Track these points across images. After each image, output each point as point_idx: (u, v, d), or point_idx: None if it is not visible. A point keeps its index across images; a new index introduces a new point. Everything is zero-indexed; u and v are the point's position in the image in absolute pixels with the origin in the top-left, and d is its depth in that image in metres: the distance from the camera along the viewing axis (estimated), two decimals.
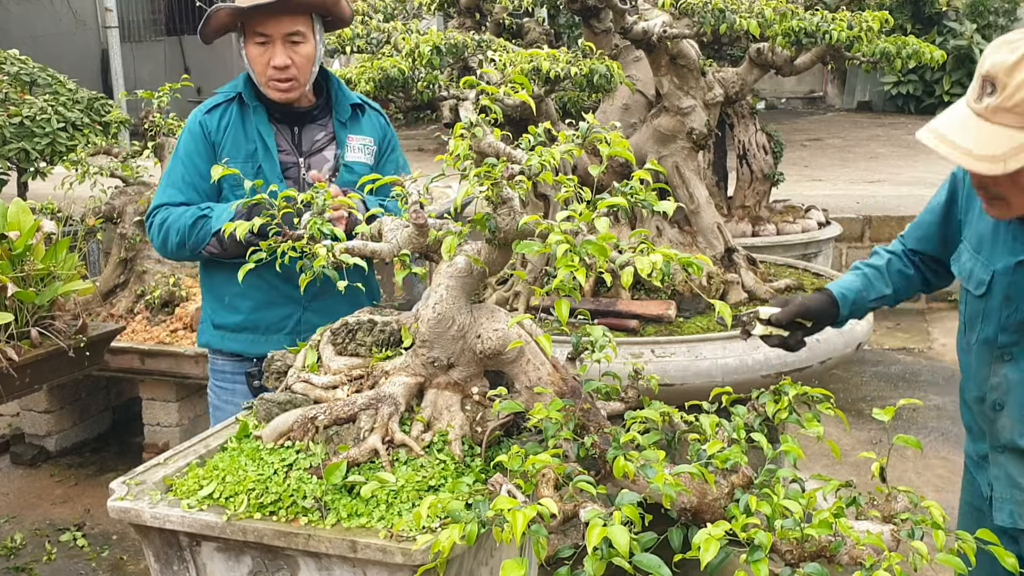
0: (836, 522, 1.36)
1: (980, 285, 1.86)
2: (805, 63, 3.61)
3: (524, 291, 3.28)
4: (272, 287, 2.47)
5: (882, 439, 4.59)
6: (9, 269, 2.86)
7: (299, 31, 2.38)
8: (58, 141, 4.74)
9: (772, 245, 5.72)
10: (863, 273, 2.10)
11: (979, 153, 1.56)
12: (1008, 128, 1.54)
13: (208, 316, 2.60)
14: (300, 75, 2.42)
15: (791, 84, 15.82)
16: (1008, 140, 1.53)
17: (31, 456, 4.48)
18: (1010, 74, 1.52)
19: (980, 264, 1.86)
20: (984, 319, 1.87)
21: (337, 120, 2.55)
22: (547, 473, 1.45)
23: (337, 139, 2.54)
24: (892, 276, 2.10)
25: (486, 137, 1.73)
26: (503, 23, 4.06)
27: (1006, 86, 1.53)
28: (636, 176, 1.64)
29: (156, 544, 1.65)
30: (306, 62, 2.42)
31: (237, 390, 2.55)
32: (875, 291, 2.08)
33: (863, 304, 2.07)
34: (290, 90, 2.43)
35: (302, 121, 2.51)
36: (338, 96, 2.57)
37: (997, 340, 1.84)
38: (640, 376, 1.91)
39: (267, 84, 2.42)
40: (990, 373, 1.87)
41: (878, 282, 2.09)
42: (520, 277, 3.27)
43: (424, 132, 14.43)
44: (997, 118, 1.55)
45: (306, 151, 2.50)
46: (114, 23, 10.26)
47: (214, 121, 2.46)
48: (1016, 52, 1.52)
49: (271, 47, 2.38)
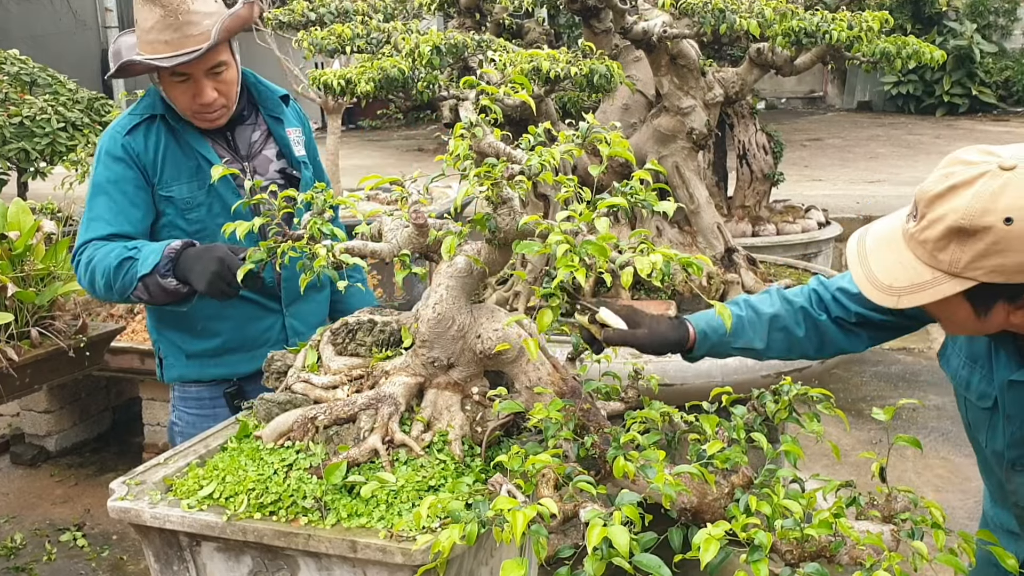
0: (836, 522, 1.36)
1: (984, 398, 1.68)
2: (805, 63, 3.61)
3: (524, 291, 3.28)
4: (248, 301, 2.36)
5: (882, 439, 4.59)
6: (9, 269, 2.86)
7: (220, 62, 2.23)
8: (58, 141, 4.74)
9: (772, 245, 5.72)
10: (739, 316, 1.83)
11: (880, 280, 1.43)
12: (916, 260, 1.39)
13: (175, 350, 2.43)
14: (229, 100, 2.30)
15: (791, 84, 15.83)
16: (911, 274, 1.39)
17: (31, 456, 4.49)
18: (930, 205, 1.37)
19: (980, 376, 1.68)
20: (991, 431, 1.70)
21: (270, 116, 2.44)
22: (547, 473, 1.45)
23: (275, 136, 2.43)
24: (772, 331, 1.84)
25: (486, 137, 1.73)
26: (503, 23, 4.05)
27: (923, 216, 1.38)
28: (636, 176, 1.64)
29: (156, 544, 1.65)
30: (231, 87, 2.29)
31: (218, 415, 2.38)
32: (743, 339, 1.83)
33: (725, 348, 1.83)
34: (220, 118, 2.31)
35: (232, 126, 2.38)
36: (260, 92, 2.45)
37: (1006, 454, 1.68)
38: (640, 376, 1.91)
39: (194, 117, 2.29)
40: (1004, 479, 1.73)
41: (751, 331, 1.83)
42: (520, 277, 3.27)
43: (424, 132, 14.45)
44: (911, 245, 1.40)
45: (245, 155, 2.39)
46: (114, 23, 10.27)
47: (139, 143, 2.26)
48: (945, 182, 1.36)
49: (194, 83, 2.22)
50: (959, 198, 1.33)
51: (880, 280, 1.43)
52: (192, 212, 2.29)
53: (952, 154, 1.42)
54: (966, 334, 1.62)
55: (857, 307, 1.81)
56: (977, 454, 1.83)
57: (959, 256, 1.34)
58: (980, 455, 1.81)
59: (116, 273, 2.11)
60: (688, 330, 1.81)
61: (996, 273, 1.33)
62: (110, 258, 2.13)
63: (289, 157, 2.45)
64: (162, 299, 2.12)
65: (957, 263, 1.34)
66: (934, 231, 1.36)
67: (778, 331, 1.84)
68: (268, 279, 1.78)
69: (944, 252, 1.35)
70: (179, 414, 2.52)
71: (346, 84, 3.02)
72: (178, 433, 2.50)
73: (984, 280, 1.34)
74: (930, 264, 1.38)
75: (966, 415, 1.76)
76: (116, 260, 2.12)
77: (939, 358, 1.81)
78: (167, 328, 2.43)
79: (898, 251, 1.42)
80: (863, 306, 1.80)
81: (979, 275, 1.34)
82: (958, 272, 1.35)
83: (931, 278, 1.38)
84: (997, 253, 1.31)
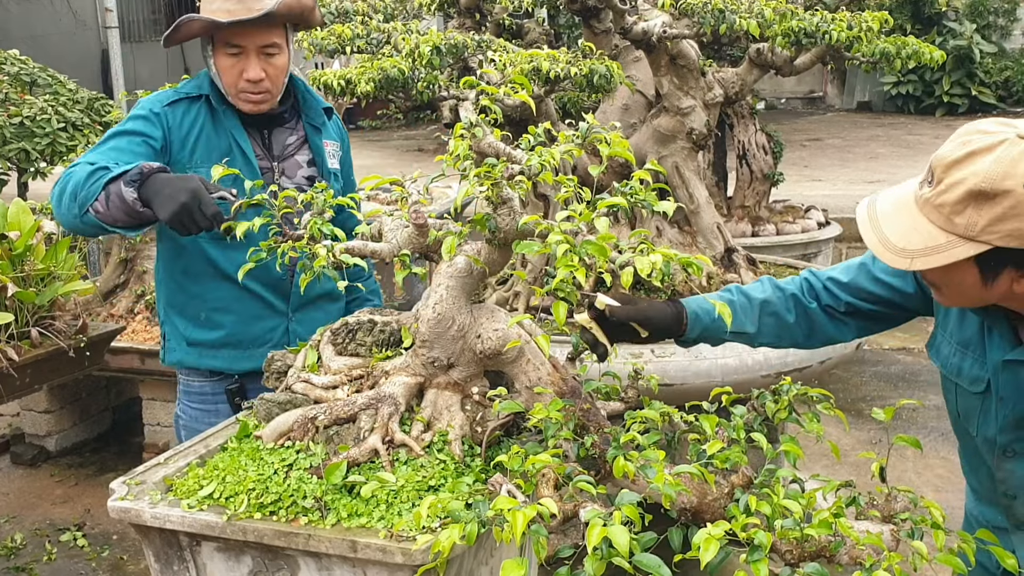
0: (836, 522, 1.36)
1: (976, 382, 1.69)
2: (805, 63, 3.61)
3: (524, 291, 3.28)
4: (257, 298, 2.40)
5: (882, 439, 4.59)
6: (9, 269, 2.86)
7: (275, 43, 2.29)
8: (58, 141, 4.73)
9: (772, 245, 5.73)
10: (730, 300, 1.84)
11: (893, 244, 1.45)
12: (930, 223, 1.42)
13: (178, 335, 2.45)
14: (273, 87, 2.33)
15: (791, 84, 15.83)
16: (925, 238, 1.41)
17: (31, 456, 4.49)
18: (947, 171, 1.39)
19: (972, 360, 1.69)
20: (983, 416, 1.70)
21: (310, 125, 2.47)
22: (547, 473, 1.45)
23: (311, 144, 2.47)
24: (763, 316, 1.86)
25: (486, 137, 1.73)
26: (503, 23, 4.06)
27: (940, 181, 1.40)
28: (636, 176, 1.64)
29: (156, 544, 1.65)
30: (280, 74, 2.33)
31: (220, 411, 2.43)
32: (735, 324, 1.82)
33: (717, 332, 1.83)
34: (262, 102, 2.34)
35: (271, 125, 2.42)
36: (307, 100, 2.49)
37: (997, 440, 1.68)
38: (640, 376, 1.91)
39: (237, 96, 2.32)
40: (995, 468, 1.73)
41: (743, 316, 1.84)
42: (520, 277, 3.27)
43: (424, 132, 14.45)
44: (925, 211, 1.43)
45: (277, 155, 2.42)
46: (114, 23, 10.26)
47: (177, 117, 2.30)
48: (963, 148, 1.39)
49: (244, 59, 2.27)
50: (979, 163, 1.36)
51: (893, 243, 1.46)
52: None
53: (967, 125, 1.45)
54: (965, 305, 1.62)
55: (847, 296, 1.84)
56: (964, 448, 1.83)
57: (976, 220, 1.37)
58: (968, 448, 1.81)
59: (85, 181, 2.02)
60: (683, 308, 1.82)
61: (1011, 237, 1.36)
62: (87, 171, 2.05)
63: (321, 167, 2.47)
64: (119, 215, 1.97)
65: (973, 227, 1.37)
66: (952, 195, 1.38)
67: (769, 316, 1.86)
68: (280, 273, 1.77)
69: (961, 216, 1.38)
70: (183, 407, 2.56)
71: (346, 84, 3.02)
72: (183, 426, 2.54)
73: (999, 244, 1.37)
74: (945, 228, 1.40)
75: (956, 405, 1.77)
76: (91, 170, 2.04)
77: (928, 349, 1.82)
78: (175, 312, 2.46)
79: (911, 216, 1.45)
80: (853, 296, 1.84)
81: (994, 239, 1.37)
82: (973, 236, 1.38)
83: (945, 242, 1.40)
84: (1015, 217, 1.35)
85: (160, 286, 2.49)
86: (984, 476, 1.79)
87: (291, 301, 2.45)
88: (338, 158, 2.53)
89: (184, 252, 2.37)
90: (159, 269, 2.48)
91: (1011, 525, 1.77)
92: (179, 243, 2.35)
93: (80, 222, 2.05)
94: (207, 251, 2.34)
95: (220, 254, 2.34)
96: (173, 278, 2.43)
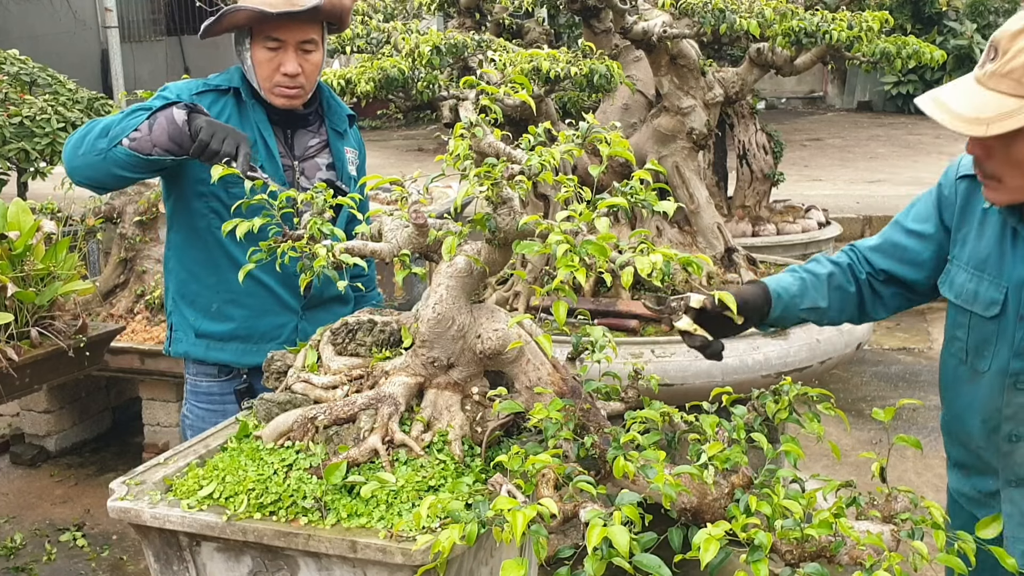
0: (836, 522, 1.36)
1: (992, 305, 1.72)
2: (805, 63, 3.61)
3: (524, 291, 3.28)
4: (270, 293, 2.41)
5: (882, 439, 4.59)
6: (9, 269, 2.86)
7: (312, 39, 2.31)
8: (58, 141, 4.73)
9: (772, 245, 5.73)
10: (800, 278, 1.89)
11: (966, 115, 1.53)
12: (1000, 94, 1.51)
13: (187, 325, 2.45)
14: (308, 83, 2.36)
15: (791, 84, 15.83)
16: (997, 105, 1.50)
17: (31, 456, 4.48)
18: (1012, 40, 1.50)
19: (988, 283, 1.73)
20: (997, 343, 1.72)
21: (333, 129, 2.49)
22: (547, 473, 1.45)
23: (332, 148, 2.48)
24: (831, 290, 1.90)
25: (486, 137, 1.73)
26: (503, 23, 4.06)
27: (1006, 51, 1.50)
28: (636, 176, 1.64)
29: (156, 544, 1.65)
30: (315, 70, 2.36)
31: (228, 412, 2.39)
32: (808, 300, 1.87)
33: (794, 310, 1.87)
34: (296, 97, 2.36)
35: (295, 125, 2.44)
36: (331, 104, 2.51)
37: (1010, 367, 1.70)
38: (640, 376, 1.91)
39: (272, 90, 2.33)
40: (1003, 404, 1.73)
41: (815, 291, 1.89)
42: (520, 277, 3.27)
43: (424, 132, 14.44)
44: (992, 83, 1.52)
45: (298, 156, 2.44)
46: (114, 23, 10.27)
47: (204, 105, 2.28)
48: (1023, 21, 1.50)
49: (283, 53, 2.29)
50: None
51: (966, 115, 1.53)
52: (237, 187, 2.24)
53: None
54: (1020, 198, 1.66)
55: (884, 262, 1.91)
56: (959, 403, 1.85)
57: None
58: (965, 400, 1.83)
59: (124, 118, 2.11)
60: (766, 285, 1.86)
61: None
62: (122, 114, 2.14)
63: (340, 171, 2.48)
64: (160, 138, 2.07)
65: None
66: (1021, 59, 1.48)
67: (835, 290, 1.91)
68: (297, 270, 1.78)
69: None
70: (190, 407, 2.54)
71: (346, 84, 3.02)
72: (189, 426, 2.53)
73: None
74: (1016, 93, 1.49)
75: (967, 342, 1.80)
76: (128, 111, 2.14)
77: (940, 287, 1.86)
78: (185, 303, 2.45)
79: (978, 94, 1.54)
80: (889, 258, 1.91)
81: None
82: None
83: (1018, 107, 1.49)
84: None
85: (170, 276, 2.48)
86: (979, 432, 1.80)
87: (305, 299, 2.45)
88: (356, 166, 2.55)
89: (200, 241, 2.37)
90: (170, 258, 2.47)
91: (1003, 481, 1.79)
92: (196, 231, 2.36)
93: (103, 158, 2.11)
94: (223, 242, 2.32)
95: (236, 246, 2.31)
96: (186, 267, 2.42)
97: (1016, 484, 1.77)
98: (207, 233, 2.35)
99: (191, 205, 2.35)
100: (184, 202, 2.37)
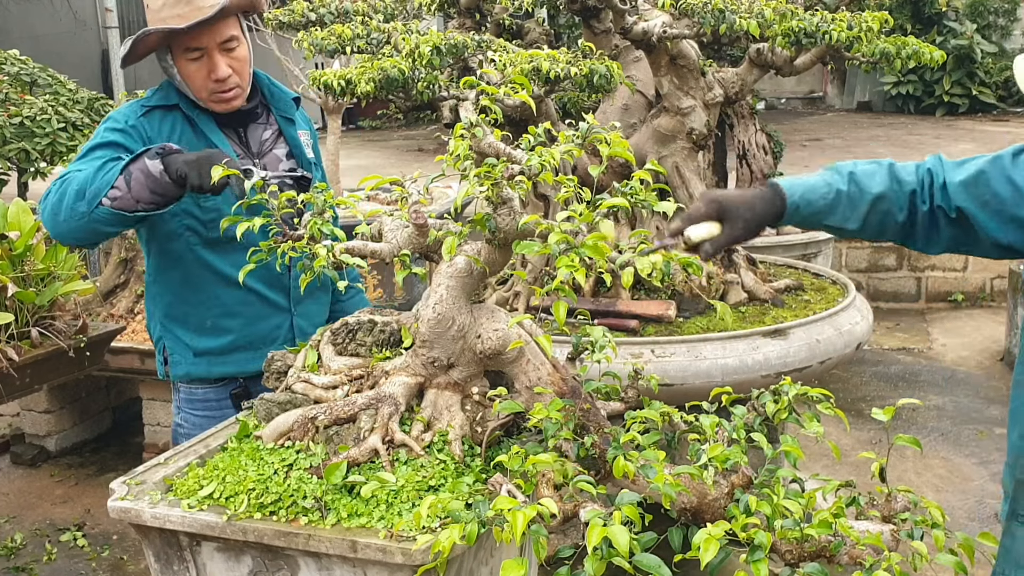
0: (836, 522, 1.37)
1: None
2: (805, 63, 3.61)
3: (524, 291, 3.28)
4: (260, 298, 2.38)
5: (882, 439, 4.59)
6: (9, 269, 2.86)
7: (232, 36, 2.25)
8: (58, 141, 4.73)
9: (772, 245, 5.72)
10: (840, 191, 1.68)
11: None
12: None
13: (183, 347, 2.40)
14: (243, 81, 2.31)
15: (791, 84, 15.82)
16: None
17: (31, 456, 4.49)
18: None
19: None
20: None
21: (282, 117, 2.46)
22: (547, 473, 1.45)
23: (286, 137, 2.45)
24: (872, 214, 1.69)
25: (486, 137, 1.73)
26: (503, 23, 4.05)
27: None
28: (636, 176, 1.64)
29: (156, 544, 1.65)
30: (244, 66, 2.31)
31: (226, 416, 2.31)
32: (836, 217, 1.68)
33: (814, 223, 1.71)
34: (235, 98, 2.31)
35: (245, 122, 2.40)
36: (274, 92, 2.47)
37: None
38: (640, 376, 1.91)
39: (209, 98, 2.29)
40: None
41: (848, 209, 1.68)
42: (520, 277, 3.27)
43: (424, 132, 14.44)
44: None
45: (256, 152, 2.40)
46: (114, 23, 10.27)
47: (153, 126, 2.26)
48: None
49: (207, 59, 2.23)
50: None
51: None
52: (208, 200, 2.26)
53: None
54: None
55: (969, 203, 1.63)
56: None
57: None
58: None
59: (95, 176, 2.03)
60: (781, 201, 1.67)
61: None
62: (91, 170, 2.06)
63: (300, 158, 2.46)
64: (142, 193, 2.00)
65: None
66: None
67: (878, 213, 1.69)
68: (279, 270, 1.77)
69: None
70: (185, 416, 2.50)
71: (346, 84, 3.02)
72: (183, 435, 2.47)
73: None
74: None
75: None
76: (96, 167, 2.06)
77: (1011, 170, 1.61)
78: (175, 324, 2.41)
79: None
80: (970, 196, 1.64)
81: None
82: None
83: None
84: None
85: (155, 301, 2.42)
86: None
87: (291, 296, 2.45)
88: (311, 147, 2.51)
89: (181, 261, 2.33)
90: (152, 284, 2.42)
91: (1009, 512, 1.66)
92: (174, 253, 2.32)
93: (87, 220, 2.03)
94: (205, 257, 2.31)
95: (219, 258, 2.32)
96: (171, 290, 2.38)
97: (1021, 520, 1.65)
98: (187, 252, 2.31)
99: (167, 227, 2.30)
100: (159, 227, 2.30)
